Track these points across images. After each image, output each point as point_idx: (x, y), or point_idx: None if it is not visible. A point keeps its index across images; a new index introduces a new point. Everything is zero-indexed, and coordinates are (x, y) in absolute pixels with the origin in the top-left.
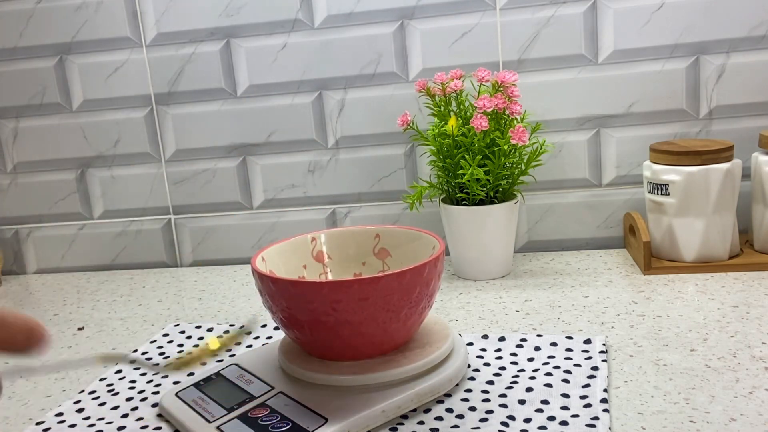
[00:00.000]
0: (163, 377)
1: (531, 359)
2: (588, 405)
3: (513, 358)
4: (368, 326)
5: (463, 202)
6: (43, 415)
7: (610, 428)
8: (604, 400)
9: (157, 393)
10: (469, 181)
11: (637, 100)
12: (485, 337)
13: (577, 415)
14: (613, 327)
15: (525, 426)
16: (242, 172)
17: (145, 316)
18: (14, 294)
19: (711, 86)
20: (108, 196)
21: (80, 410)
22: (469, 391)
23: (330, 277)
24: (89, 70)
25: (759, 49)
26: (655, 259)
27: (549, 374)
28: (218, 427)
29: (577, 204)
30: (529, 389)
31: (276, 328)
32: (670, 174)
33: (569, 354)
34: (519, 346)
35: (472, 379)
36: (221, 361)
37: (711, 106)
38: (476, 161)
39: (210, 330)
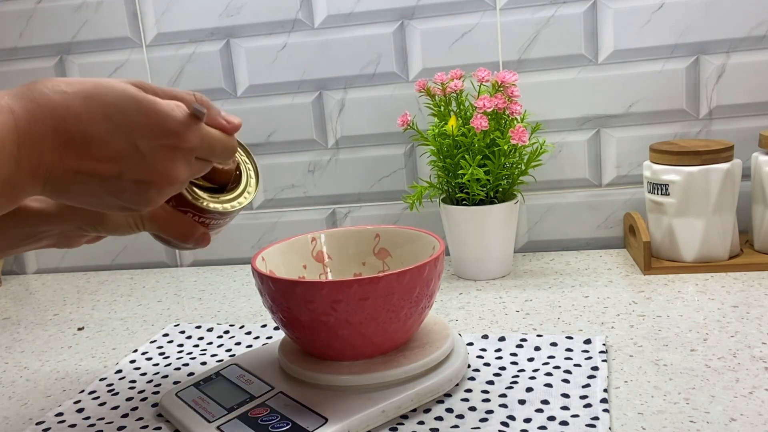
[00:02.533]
0: (163, 377)
1: (531, 359)
2: (588, 405)
3: (513, 358)
4: (368, 326)
5: (463, 202)
6: (43, 415)
7: (610, 428)
8: (604, 400)
9: (157, 393)
10: (469, 181)
11: (637, 100)
12: (485, 337)
13: (577, 415)
14: (613, 327)
15: (525, 426)
16: None
17: (145, 316)
18: (14, 294)
19: (711, 86)
20: None
21: (80, 410)
22: (469, 391)
23: (330, 277)
24: (89, 70)
25: (759, 49)
26: (655, 259)
27: (549, 374)
28: (218, 427)
29: (577, 204)
30: (529, 389)
31: (276, 328)
32: (670, 174)
33: (569, 354)
34: (519, 346)
35: (472, 379)
36: (221, 361)
37: (711, 106)
38: (476, 161)
39: (210, 330)
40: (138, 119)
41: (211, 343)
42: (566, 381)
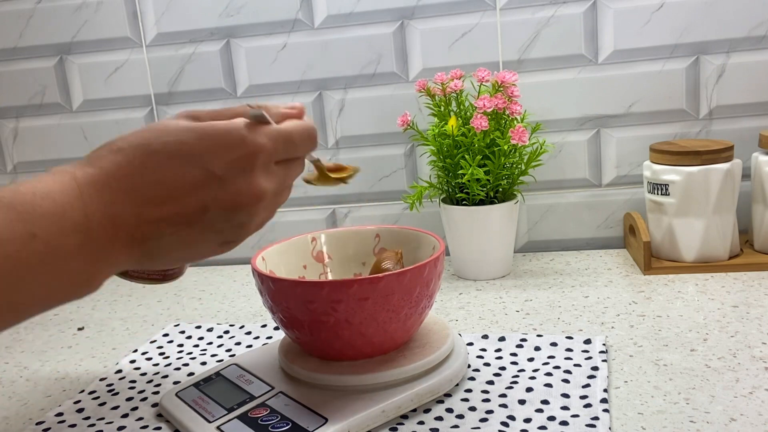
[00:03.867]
0: (163, 377)
1: (531, 359)
2: (588, 405)
3: (513, 358)
4: (368, 326)
5: (463, 202)
6: (43, 415)
7: (610, 428)
8: (604, 400)
9: (157, 393)
10: (469, 181)
11: (637, 100)
12: (485, 337)
13: (577, 415)
14: (613, 327)
15: (525, 426)
16: None
17: (145, 316)
18: None
19: (711, 86)
20: None
21: (80, 410)
22: (469, 391)
23: (330, 277)
24: (89, 70)
25: (759, 49)
26: (655, 259)
27: (549, 374)
28: (218, 427)
29: (577, 204)
30: (529, 389)
31: (276, 328)
32: (670, 174)
33: (569, 354)
34: (519, 346)
35: (472, 379)
36: (221, 361)
37: (711, 106)
38: (476, 161)
39: (210, 330)
40: (201, 145)
41: (211, 343)
42: (566, 381)
